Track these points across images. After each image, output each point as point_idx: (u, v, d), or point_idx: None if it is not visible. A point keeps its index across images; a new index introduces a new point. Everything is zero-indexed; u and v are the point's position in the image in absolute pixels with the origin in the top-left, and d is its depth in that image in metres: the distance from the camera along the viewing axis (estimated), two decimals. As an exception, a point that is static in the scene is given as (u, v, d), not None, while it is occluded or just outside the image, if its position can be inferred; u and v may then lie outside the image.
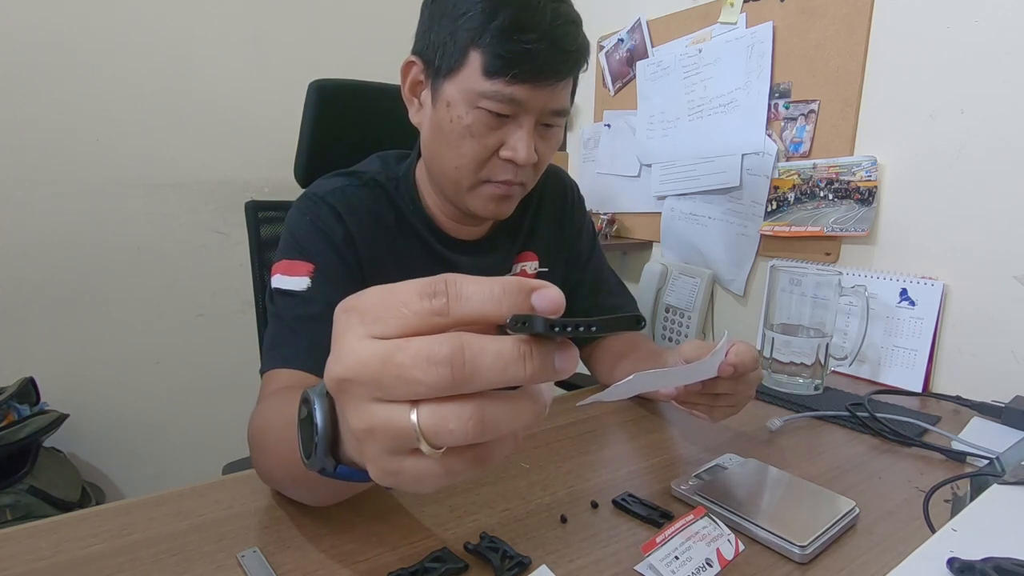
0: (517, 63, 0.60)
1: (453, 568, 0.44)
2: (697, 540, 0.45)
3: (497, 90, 0.61)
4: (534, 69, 0.60)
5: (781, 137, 1.13)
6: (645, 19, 1.36)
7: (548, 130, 0.68)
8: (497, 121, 0.63)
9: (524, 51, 0.59)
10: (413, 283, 0.24)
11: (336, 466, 0.32)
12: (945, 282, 0.93)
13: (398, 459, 0.25)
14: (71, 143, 1.29)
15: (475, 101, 0.62)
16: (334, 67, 1.12)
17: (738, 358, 0.59)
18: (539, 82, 0.61)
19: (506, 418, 0.24)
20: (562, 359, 0.24)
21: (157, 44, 1.36)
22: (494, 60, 0.60)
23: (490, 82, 0.61)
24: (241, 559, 0.45)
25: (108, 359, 1.39)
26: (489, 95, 0.61)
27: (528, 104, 0.62)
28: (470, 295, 0.24)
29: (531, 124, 0.64)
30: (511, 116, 0.63)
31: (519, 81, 0.60)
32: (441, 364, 0.23)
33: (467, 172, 0.66)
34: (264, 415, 0.52)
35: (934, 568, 0.33)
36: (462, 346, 0.23)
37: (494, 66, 0.60)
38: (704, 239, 1.29)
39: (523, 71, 0.60)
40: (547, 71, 0.61)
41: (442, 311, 0.24)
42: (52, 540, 0.47)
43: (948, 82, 0.91)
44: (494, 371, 0.23)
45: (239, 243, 1.48)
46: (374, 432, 0.25)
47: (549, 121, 0.66)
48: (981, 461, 0.65)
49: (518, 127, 0.64)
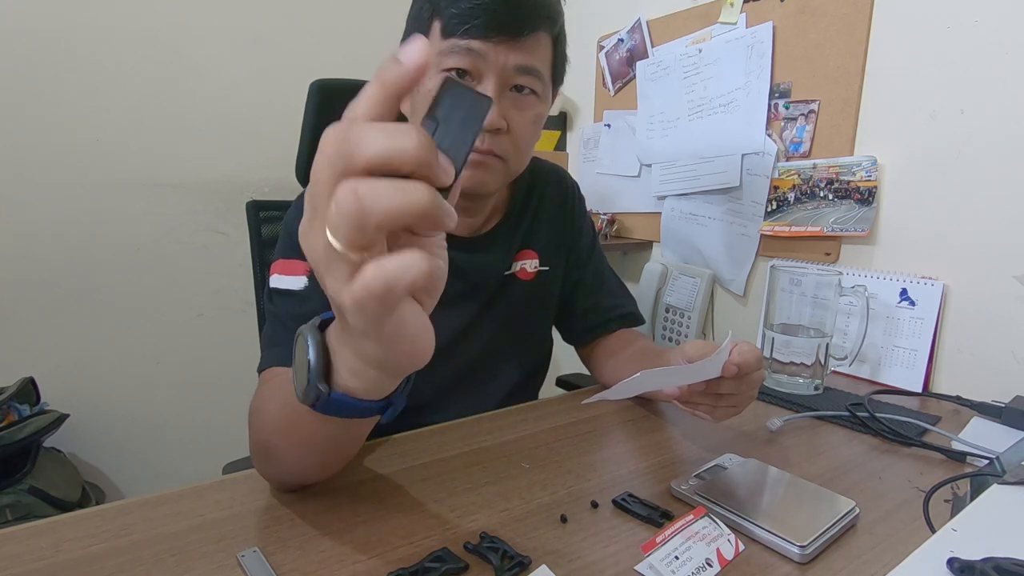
0: (470, 17, 0.62)
1: (453, 568, 0.44)
2: (697, 540, 0.45)
3: (453, 43, 0.63)
4: (488, 22, 0.62)
5: (781, 137, 1.13)
6: (645, 19, 1.36)
7: (521, 96, 0.67)
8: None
9: (476, 6, 0.61)
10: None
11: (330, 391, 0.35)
12: (945, 282, 0.93)
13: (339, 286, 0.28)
14: (71, 143, 1.30)
15: (438, 64, 0.64)
16: (334, 67, 1.12)
17: (742, 358, 0.59)
18: (495, 34, 0.62)
19: (386, 191, 0.25)
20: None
21: (158, 44, 1.36)
22: (449, 21, 0.62)
23: (447, 41, 0.63)
24: (241, 559, 0.45)
25: (108, 359, 1.39)
26: (447, 51, 0.63)
27: (487, 58, 0.63)
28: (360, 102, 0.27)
29: (493, 83, 0.64)
30: (473, 75, 0.64)
31: (474, 35, 0.62)
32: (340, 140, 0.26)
33: None
34: (261, 394, 0.55)
35: (934, 568, 0.33)
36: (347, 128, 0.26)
37: (450, 25, 0.62)
38: (704, 239, 1.29)
39: (476, 25, 0.62)
40: (500, 22, 0.62)
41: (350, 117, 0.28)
42: (52, 540, 0.47)
43: (948, 82, 0.91)
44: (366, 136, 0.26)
45: (239, 243, 1.49)
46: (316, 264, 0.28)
47: (519, 81, 0.66)
48: (981, 461, 0.65)
49: (480, 87, 0.64)
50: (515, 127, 0.67)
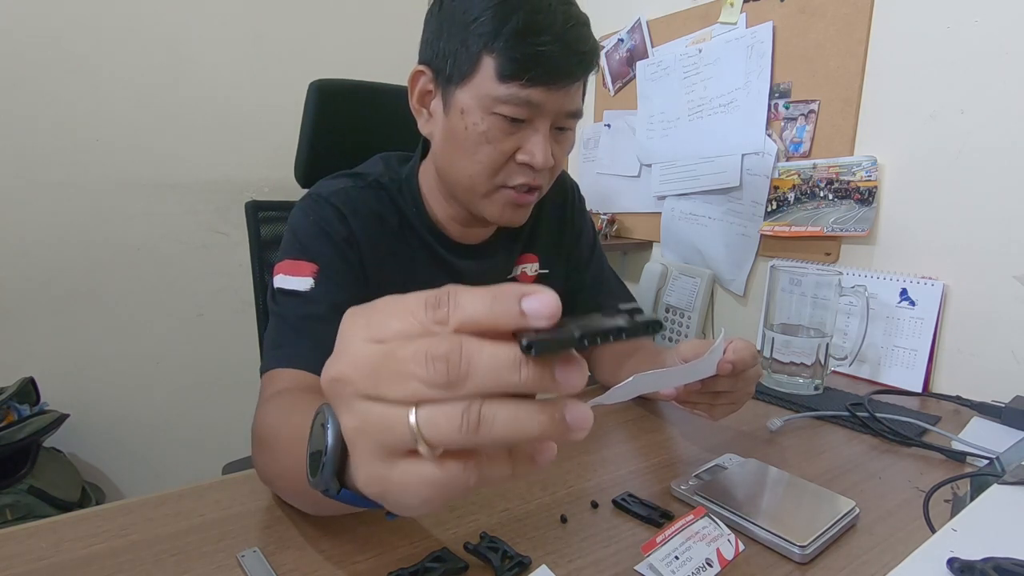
0: (532, 66, 0.60)
1: (453, 568, 0.44)
2: (697, 540, 0.45)
3: (513, 93, 0.61)
4: (549, 71, 0.60)
5: (781, 137, 1.13)
6: (645, 19, 1.36)
7: (562, 133, 0.68)
8: (513, 126, 0.63)
9: (538, 53, 0.59)
10: (419, 294, 0.25)
11: (340, 489, 0.31)
12: (945, 282, 0.93)
13: (388, 463, 0.25)
14: (71, 143, 1.29)
15: (491, 107, 0.62)
16: (334, 67, 1.12)
17: (736, 355, 0.59)
18: (554, 84, 0.61)
19: (505, 419, 0.23)
20: (563, 371, 0.24)
21: (157, 44, 1.36)
22: (508, 64, 0.60)
23: (505, 86, 0.60)
24: (241, 559, 0.45)
25: (108, 359, 1.39)
26: (505, 99, 0.61)
27: (544, 107, 0.62)
28: (465, 303, 0.24)
29: (547, 127, 0.64)
30: (527, 120, 0.63)
31: (534, 84, 0.60)
32: (438, 360, 0.23)
33: (483, 178, 0.66)
34: (269, 421, 0.51)
35: (934, 568, 0.33)
36: (460, 344, 0.23)
37: (509, 69, 0.60)
38: (704, 239, 1.29)
39: (538, 73, 0.60)
40: (562, 73, 0.61)
41: (443, 320, 0.24)
42: (52, 540, 0.47)
43: (948, 82, 0.91)
44: (489, 372, 0.23)
45: (239, 243, 1.48)
46: (366, 430, 0.25)
47: (563, 124, 0.66)
48: (981, 461, 0.65)
49: (534, 131, 0.64)
50: (556, 160, 0.67)
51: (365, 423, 0.25)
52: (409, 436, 0.23)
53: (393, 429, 0.24)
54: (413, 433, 0.23)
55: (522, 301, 0.23)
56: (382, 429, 0.24)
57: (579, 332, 0.23)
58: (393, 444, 0.24)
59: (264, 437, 0.50)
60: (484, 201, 0.68)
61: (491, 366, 0.23)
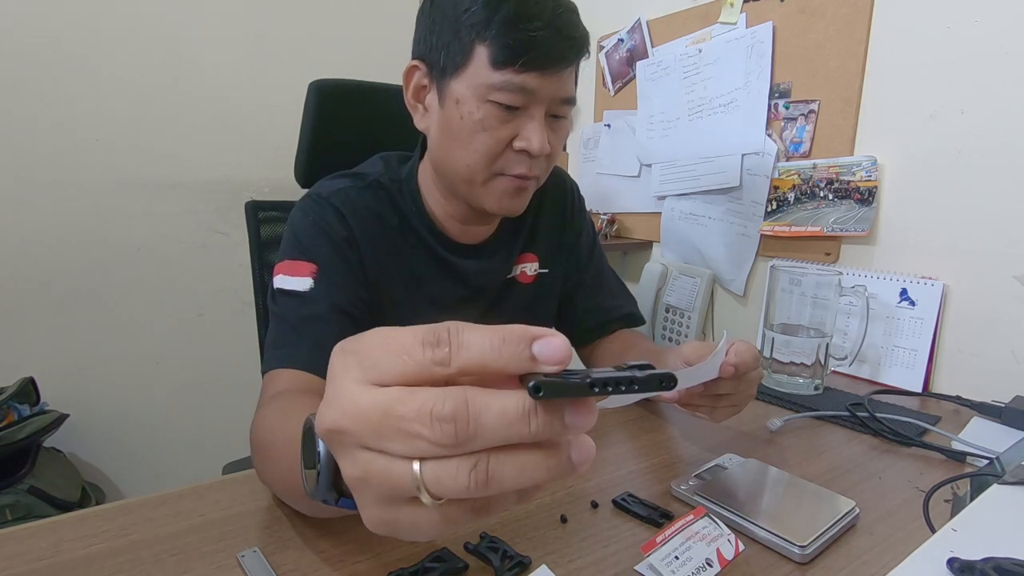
0: (525, 51, 0.60)
1: (453, 568, 0.44)
2: (697, 540, 0.45)
3: (507, 80, 0.61)
4: (541, 55, 0.61)
5: (781, 137, 1.13)
6: (645, 19, 1.36)
7: (557, 121, 0.68)
8: (508, 113, 0.63)
9: (530, 39, 0.60)
10: (415, 329, 0.23)
11: (338, 499, 0.30)
12: (945, 282, 0.93)
13: (394, 508, 0.24)
14: (71, 143, 1.30)
15: (485, 94, 0.62)
16: (334, 67, 1.12)
17: (739, 357, 0.59)
18: (547, 69, 0.62)
19: (512, 472, 0.23)
20: (573, 415, 0.23)
21: (157, 44, 1.36)
22: (502, 50, 0.60)
23: (499, 73, 0.61)
24: (241, 559, 0.45)
25: (108, 359, 1.39)
26: (499, 86, 0.61)
27: (538, 93, 0.63)
28: (471, 344, 0.23)
29: (542, 114, 0.64)
30: (522, 108, 0.63)
31: (528, 69, 0.61)
32: (445, 421, 0.22)
33: (480, 167, 0.66)
34: (267, 425, 0.51)
35: (934, 568, 0.33)
36: (466, 402, 0.22)
37: (502, 56, 0.60)
38: (704, 239, 1.29)
39: (531, 59, 0.60)
40: (554, 57, 0.62)
41: (444, 361, 0.23)
42: (52, 540, 0.47)
43: (948, 82, 0.91)
44: (499, 429, 0.22)
45: (239, 243, 1.48)
46: (369, 481, 0.24)
47: (558, 111, 0.67)
48: (981, 461, 0.65)
49: (530, 118, 0.64)
50: (552, 148, 0.68)
51: (368, 474, 0.24)
52: (414, 487, 0.23)
53: (397, 482, 0.23)
54: (418, 485, 0.23)
55: (533, 345, 0.23)
56: (386, 481, 0.24)
57: (590, 379, 0.22)
58: (397, 494, 0.24)
59: (261, 442, 0.50)
60: (482, 191, 0.68)
61: (500, 423, 0.22)
